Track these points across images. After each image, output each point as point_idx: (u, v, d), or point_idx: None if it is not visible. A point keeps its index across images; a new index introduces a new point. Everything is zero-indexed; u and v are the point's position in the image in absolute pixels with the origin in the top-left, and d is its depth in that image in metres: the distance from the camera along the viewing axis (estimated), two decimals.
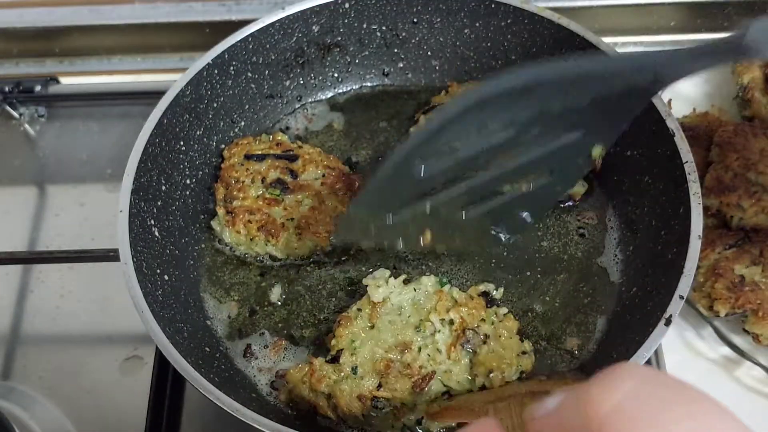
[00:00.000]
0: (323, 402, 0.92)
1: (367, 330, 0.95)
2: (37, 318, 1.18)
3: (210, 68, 1.12)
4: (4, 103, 1.44)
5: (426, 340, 0.94)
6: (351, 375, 0.92)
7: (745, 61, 1.21)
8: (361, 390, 0.91)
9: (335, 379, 0.92)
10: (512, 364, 0.92)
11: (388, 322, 0.95)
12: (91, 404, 1.09)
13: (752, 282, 1.03)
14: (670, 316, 0.86)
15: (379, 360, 0.92)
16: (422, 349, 0.93)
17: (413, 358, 0.92)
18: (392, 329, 0.95)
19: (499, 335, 0.94)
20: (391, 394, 0.90)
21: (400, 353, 0.92)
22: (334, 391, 0.91)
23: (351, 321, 0.96)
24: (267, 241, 1.06)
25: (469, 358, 0.93)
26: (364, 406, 0.90)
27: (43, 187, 1.36)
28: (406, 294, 0.98)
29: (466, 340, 0.93)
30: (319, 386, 0.91)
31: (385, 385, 0.91)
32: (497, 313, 0.98)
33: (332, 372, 0.92)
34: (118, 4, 1.50)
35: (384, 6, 1.20)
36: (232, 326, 1.04)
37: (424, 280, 0.99)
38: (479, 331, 0.94)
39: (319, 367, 0.92)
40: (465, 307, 0.95)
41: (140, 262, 0.95)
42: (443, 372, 0.92)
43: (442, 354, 0.92)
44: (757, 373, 1.04)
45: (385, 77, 1.29)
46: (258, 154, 1.13)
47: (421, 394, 0.91)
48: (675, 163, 0.99)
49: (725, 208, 1.10)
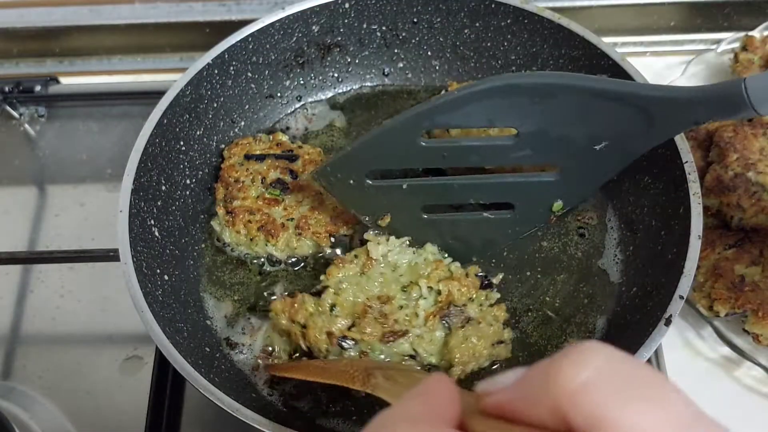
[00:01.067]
0: (297, 330, 0.95)
1: (356, 275, 0.98)
2: (37, 318, 1.18)
3: (210, 68, 1.12)
4: (4, 103, 1.44)
5: (409, 301, 0.95)
6: (328, 311, 0.94)
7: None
8: (332, 327, 0.93)
9: (311, 312, 0.94)
10: (481, 356, 0.93)
11: (379, 273, 0.98)
12: (91, 404, 1.09)
13: (752, 282, 1.03)
14: (670, 316, 0.86)
15: (358, 304, 0.95)
16: (403, 307, 0.94)
17: (391, 311, 0.93)
18: (381, 282, 0.97)
19: (481, 321, 0.94)
20: (360, 335, 0.92)
21: (381, 304, 0.94)
22: (308, 322, 0.94)
23: (345, 264, 0.99)
24: (267, 241, 1.06)
25: (444, 333, 0.93)
26: (331, 343, 0.92)
27: (43, 187, 1.36)
28: (405, 255, 1.00)
29: (447, 314, 0.93)
30: (296, 316, 0.94)
31: (357, 326, 0.93)
32: (489, 296, 0.98)
33: (311, 305, 0.95)
34: (118, 4, 1.50)
35: (384, 6, 1.20)
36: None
37: (428, 247, 1.02)
38: (464, 311, 0.94)
39: (301, 299, 0.95)
40: (457, 282, 0.96)
41: (140, 262, 0.95)
42: (416, 336, 0.92)
43: (419, 318, 0.93)
44: (757, 373, 1.04)
45: (385, 77, 1.29)
46: (258, 154, 1.13)
47: (388, 346, 0.92)
48: (675, 163, 0.99)
49: (725, 208, 1.10)
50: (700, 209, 0.94)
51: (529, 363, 0.97)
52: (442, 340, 0.93)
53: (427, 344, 0.92)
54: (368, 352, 0.92)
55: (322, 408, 0.95)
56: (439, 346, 0.93)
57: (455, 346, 0.92)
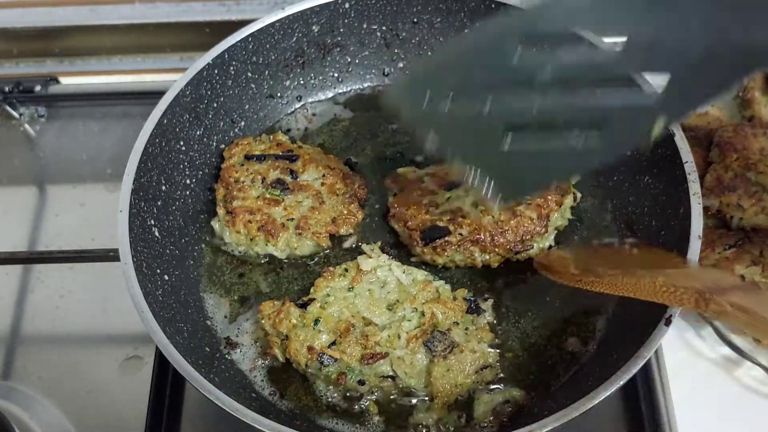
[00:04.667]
0: (277, 341, 0.96)
1: (344, 290, 0.98)
2: (37, 318, 1.18)
3: (210, 68, 1.12)
4: (4, 103, 1.44)
5: (393, 322, 0.95)
6: (311, 325, 0.95)
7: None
8: (314, 342, 0.93)
9: (295, 324, 0.95)
10: (464, 386, 0.92)
11: (367, 290, 0.98)
12: (91, 404, 1.09)
13: (752, 282, 1.03)
14: (670, 316, 0.86)
15: (342, 321, 0.95)
16: (385, 329, 0.94)
17: (373, 333, 0.94)
18: (367, 298, 0.97)
19: (464, 348, 0.93)
20: (339, 355, 0.92)
21: (364, 324, 0.95)
22: (290, 334, 0.94)
23: (333, 277, 0.99)
24: (267, 241, 1.06)
25: (426, 358, 0.93)
26: (311, 358, 0.93)
27: (43, 187, 1.36)
28: (394, 273, 1.00)
29: (431, 339, 0.93)
30: (279, 326, 0.95)
31: (338, 345, 0.93)
32: (475, 321, 0.98)
33: (296, 317, 0.95)
34: (118, 4, 1.51)
35: (384, 6, 1.20)
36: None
37: (417, 271, 1.01)
38: (449, 336, 0.94)
39: (287, 309, 0.96)
40: (443, 306, 0.96)
41: (140, 262, 0.95)
42: (396, 357, 0.93)
43: (401, 340, 0.93)
44: (757, 373, 1.04)
45: (385, 77, 1.29)
46: (258, 155, 1.13)
47: (366, 367, 0.92)
48: (675, 163, 0.99)
49: (725, 208, 1.10)
50: (700, 209, 0.94)
51: (529, 363, 0.98)
52: (424, 365, 0.93)
53: (408, 367, 0.92)
54: (346, 372, 0.92)
55: (321, 408, 0.95)
56: (420, 370, 0.93)
57: (438, 378, 0.91)
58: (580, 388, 0.85)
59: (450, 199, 1.07)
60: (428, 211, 1.06)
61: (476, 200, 1.05)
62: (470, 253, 1.03)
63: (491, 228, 1.02)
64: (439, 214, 1.05)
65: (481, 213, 1.04)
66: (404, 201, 1.08)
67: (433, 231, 1.04)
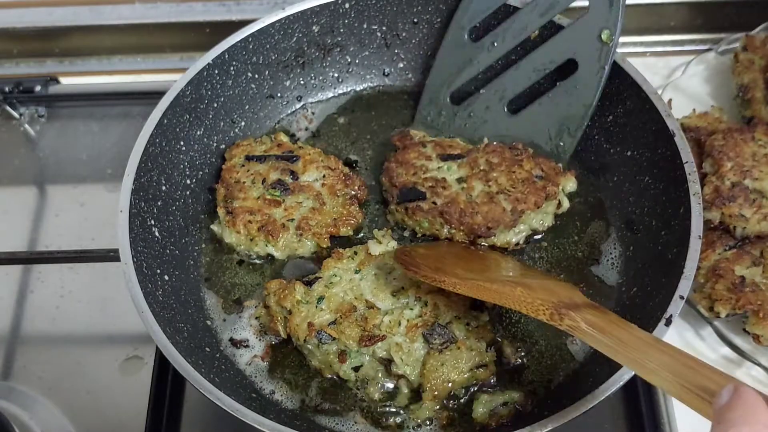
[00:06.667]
0: (280, 316, 0.97)
1: (351, 272, 1.00)
2: (37, 318, 1.18)
3: (210, 68, 1.12)
4: (4, 103, 1.44)
5: (395, 308, 0.96)
6: (315, 302, 0.96)
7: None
8: (314, 319, 0.94)
9: (298, 299, 0.96)
10: (455, 384, 0.92)
11: (373, 274, 0.99)
12: (91, 404, 1.09)
13: (753, 283, 1.03)
14: (670, 316, 0.86)
15: (345, 302, 0.96)
16: (387, 314, 0.95)
17: (372, 316, 0.94)
18: (373, 282, 0.99)
19: (462, 345, 0.93)
20: (338, 334, 0.93)
21: (366, 307, 0.96)
22: (294, 309, 0.96)
23: (342, 258, 1.01)
24: (267, 241, 1.06)
25: (424, 349, 0.93)
26: (310, 334, 0.94)
27: (43, 187, 1.36)
28: None
29: (430, 332, 0.93)
30: (284, 302, 0.97)
31: (338, 324, 0.94)
32: (478, 318, 0.98)
33: (301, 293, 0.97)
34: (118, 4, 1.51)
35: (384, 6, 1.20)
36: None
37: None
38: (448, 330, 0.94)
39: (292, 286, 0.97)
40: (446, 298, 0.96)
41: (140, 262, 0.95)
42: (395, 343, 0.93)
43: (401, 327, 0.94)
44: (757, 373, 1.04)
45: (385, 77, 1.29)
46: (259, 156, 1.13)
47: (364, 349, 0.93)
48: (675, 163, 0.99)
49: (728, 219, 1.08)
50: (700, 209, 0.94)
51: (529, 363, 0.98)
52: (421, 354, 0.93)
53: (405, 354, 0.92)
54: (341, 353, 0.93)
55: (321, 408, 0.95)
56: (416, 359, 0.93)
57: (430, 370, 0.91)
58: (580, 388, 0.85)
59: (440, 169, 1.08)
60: (415, 173, 1.08)
61: (463, 178, 1.06)
62: (437, 224, 1.05)
63: (464, 206, 1.04)
64: (423, 179, 1.07)
65: (461, 190, 1.05)
66: (399, 159, 1.11)
67: (410, 192, 1.07)
